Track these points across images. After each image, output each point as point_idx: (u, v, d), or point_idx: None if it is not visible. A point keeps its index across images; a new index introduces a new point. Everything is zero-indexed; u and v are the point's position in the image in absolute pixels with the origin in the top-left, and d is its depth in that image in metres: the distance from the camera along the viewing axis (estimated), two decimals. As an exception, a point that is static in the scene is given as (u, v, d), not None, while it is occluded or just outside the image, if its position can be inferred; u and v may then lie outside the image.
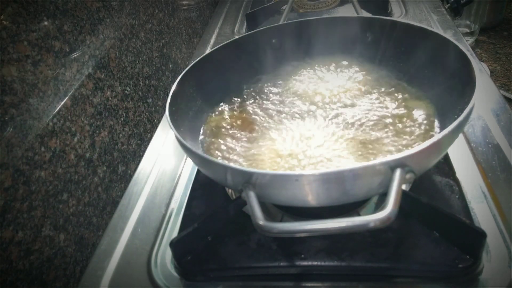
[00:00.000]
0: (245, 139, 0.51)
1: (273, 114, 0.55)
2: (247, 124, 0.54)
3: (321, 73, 0.61)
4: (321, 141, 0.47)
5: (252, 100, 0.59)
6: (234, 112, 0.57)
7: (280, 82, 0.61)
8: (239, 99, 0.59)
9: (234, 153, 0.49)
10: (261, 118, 0.55)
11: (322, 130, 0.49)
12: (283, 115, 0.54)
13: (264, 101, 0.58)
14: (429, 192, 0.45)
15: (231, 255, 0.42)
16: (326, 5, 1.00)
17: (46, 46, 0.53)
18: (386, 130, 0.47)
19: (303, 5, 1.01)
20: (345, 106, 0.53)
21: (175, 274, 0.44)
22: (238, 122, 0.55)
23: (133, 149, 0.70)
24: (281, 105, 0.56)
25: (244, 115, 0.56)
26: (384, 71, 0.58)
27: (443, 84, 0.49)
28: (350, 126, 0.49)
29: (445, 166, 0.48)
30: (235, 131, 0.53)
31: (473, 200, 0.45)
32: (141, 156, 0.64)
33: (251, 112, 0.56)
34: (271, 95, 0.59)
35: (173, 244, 0.42)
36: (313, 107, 0.54)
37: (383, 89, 0.54)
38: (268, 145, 0.49)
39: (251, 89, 0.61)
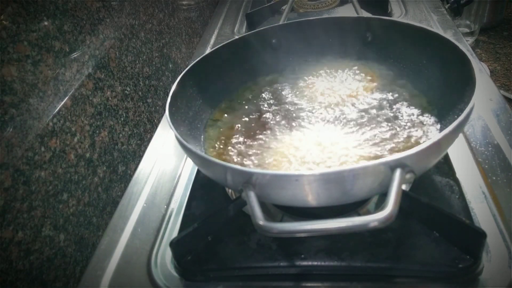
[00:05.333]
0: (244, 139, 0.51)
1: (274, 115, 0.55)
2: (247, 125, 0.54)
3: (321, 73, 0.61)
4: (321, 142, 0.47)
5: (252, 101, 0.59)
6: (234, 112, 0.57)
7: (280, 82, 0.61)
8: (238, 100, 0.59)
9: (234, 153, 0.49)
10: (261, 118, 0.55)
11: (321, 131, 0.49)
12: (283, 116, 0.54)
13: (264, 102, 0.58)
14: (429, 192, 0.45)
15: (231, 255, 0.42)
16: (326, 5, 1.00)
17: (46, 46, 0.53)
18: (386, 130, 0.47)
19: (303, 5, 1.02)
20: (344, 106, 0.53)
21: (175, 274, 0.44)
22: (237, 122, 0.55)
23: (133, 149, 0.70)
24: (281, 105, 0.56)
25: (243, 115, 0.56)
26: (384, 71, 0.58)
27: (443, 84, 0.49)
28: (349, 126, 0.49)
29: (445, 166, 0.48)
30: (234, 131, 0.53)
31: (473, 200, 0.45)
32: (141, 156, 0.64)
33: (251, 112, 0.56)
34: (271, 95, 0.59)
35: (173, 244, 0.42)
36: (312, 108, 0.54)
37: (382, 89, 0.54)
38: (268, 145, 0.49)
39: (251, 89, 0.61)
